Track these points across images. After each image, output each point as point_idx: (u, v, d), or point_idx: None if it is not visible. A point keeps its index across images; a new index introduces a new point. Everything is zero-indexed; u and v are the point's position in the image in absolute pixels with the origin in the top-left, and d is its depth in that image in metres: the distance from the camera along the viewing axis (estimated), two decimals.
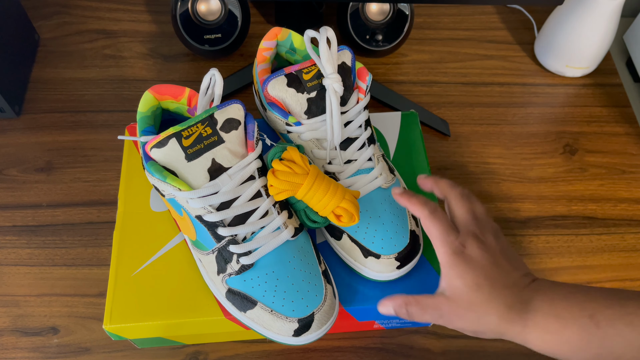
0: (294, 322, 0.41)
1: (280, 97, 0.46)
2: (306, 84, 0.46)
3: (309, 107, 0.46)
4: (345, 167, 0.47)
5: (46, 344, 0.52)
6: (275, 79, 0.46)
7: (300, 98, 0.46)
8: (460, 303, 0.39)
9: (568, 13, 0.67)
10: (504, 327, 0.38)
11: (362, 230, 0.46)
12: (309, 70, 0.46)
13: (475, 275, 0.39)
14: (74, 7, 0.75)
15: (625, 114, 0.70)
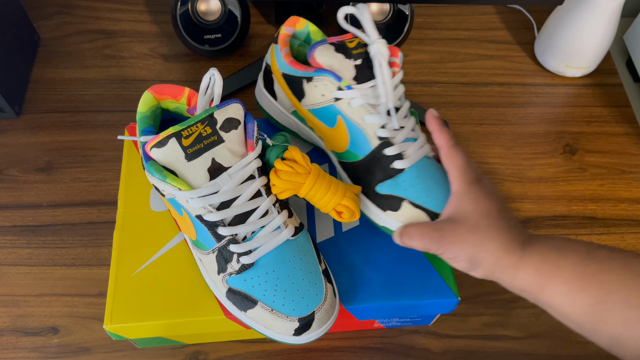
0: (294, 322, 0.41)
1: (328, 63, 0.46)
2: (351, 52, 0.46)
3: (357, 74, 0.46)
4: (396, 133, 0.46)
5: (46, 344, 0.52)
6: (322, 45, 0.46)
7: (348, 64, 0.46)
8: (465, 225, 0.40)
9: (568, 13, 0.67)
10: (501, 256, 0.39)
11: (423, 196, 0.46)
12: (351, 40, 0.46)
13: (487, 203, 0.41)
14: (74, 7, 0.75)
15: (625, 114, 0.70)
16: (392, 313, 0.48)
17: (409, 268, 0.48)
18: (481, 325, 0.55)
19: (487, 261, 0.39)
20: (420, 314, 0.50)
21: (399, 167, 0.45)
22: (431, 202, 0.44)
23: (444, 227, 0.41)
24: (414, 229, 0.43)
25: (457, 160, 0.43)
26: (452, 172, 0.43)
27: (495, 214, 0.41)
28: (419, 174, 0.45)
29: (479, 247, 0.39)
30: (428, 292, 0.47)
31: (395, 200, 0.45)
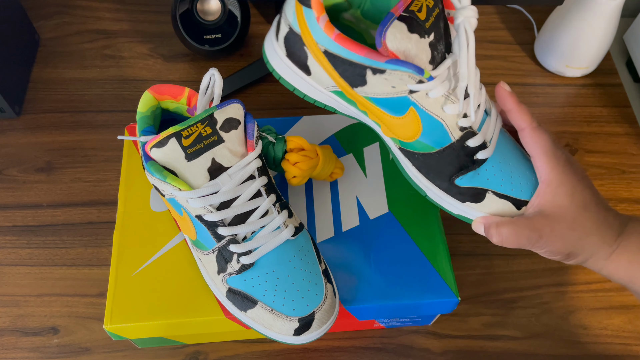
0: (294, 322, 0.41)
1: (402, 49, 0.36)
2: (424, 25, 0.37)
3: (432, 55, 0.38)
4: (475, 114, 0.40)
5: (46, 344, 0.52)
6: (393, 25, 0.36)
7: (424, 45, 0.37)
8: (563, 222, 0.37)
9: (568, 13, 0.67)
10: (599, 249, 0.37)
11: (508, 182, 0.42)
12: (419, 6, 0.37)
13: (584, 193, 0.37)
14: (74, 7, 0.75)
15: (625, 114, 0.70)
16: (392, 313, 0.48)
17: (409, 268, 0.48)
18: (481, 325, 0.55)
19: (584, 254, 0.38)
20: (420, 314, 0.50)
21: (483, 158, 0.41)
22: (516, 190, 0.41)
23: (542, 227, 0.37)
24: (506, 230, 0.39)
25: (543, 143, 0.38)
26: (540, 157, 0.38)
27: (593, 205, 0.37)
28: (501, 159, 0.41)
29: (579, 243, 0.37)
30: (428, 292, 0.47)
31: (478, 192, 0.41)
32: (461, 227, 0.60)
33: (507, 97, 0.39)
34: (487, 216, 0.41)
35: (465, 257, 0.59)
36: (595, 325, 0.55)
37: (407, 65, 0.36)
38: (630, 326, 0.55)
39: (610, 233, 0.38)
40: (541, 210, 0.38)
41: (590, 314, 0.56)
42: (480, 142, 0.40)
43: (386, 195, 0.51)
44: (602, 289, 0.57)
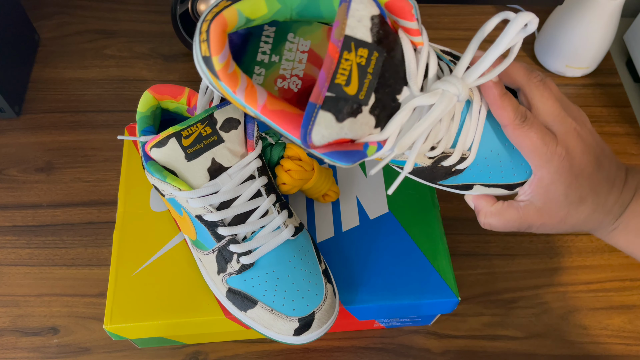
0: (294, 322, 0.41)
1: (335, 139, 0.31)
2: (357, 98, 0.30)
3: (377, 118, 0.32)
4: (447, 142, 0.36)
5: (46, 344, 0.52)
6: (316, 124, 0.30)
7: (362, 119, 0.31)
8: (555, 217, 0.36)
9: (568, 13, 0.67)
10: (594, 230, 0.37)
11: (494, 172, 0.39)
12: (347, 73, 0.29)
13: (580, 189, 0.35)
14: (74, 7, 0.75)
15: (625, 114, 0.70)
16: (392, 313, 0.48)
17: (409, 268, 0.48)
18: (481, 325, 0.55)
19: (580, 231, 0.37)
20: (420, 314, 0.50)
21: (462, 168, 0.38)
22: (507, 176, 0.38)
23: (532, 220, 0.36)
24: (494, 221, 0.38)
25: (528, 143, 0.34)
26: (529, 155, 0.35)
27: (590, 197, 0.35)
28: (487, 153, 0.37)
29: (572, 229, 0.37)
30: (428, 292, 0.47)
31: (465, 186, 0.40)
32: (461, 227, 0.60)
33: (488, 90, 0.34)
34: (478, 197, 0.39)
35: (466, 257, 0.59)
36: (595, 325, 0.55)
37: (344, 160, 0.32)
38: (630, 326, 0.55)
39: (608, 218, 0.37)
40: (533, 201, 0.36)
41: (591, 314, 0.56)
42: (456, 160, 0.37)
43: (386, 195, 0.51)
44: (602, 289, 0.57)
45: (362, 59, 0.29)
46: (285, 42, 0.38)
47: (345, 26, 0.28)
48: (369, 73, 0.30)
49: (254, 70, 0.38)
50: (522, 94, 0.36)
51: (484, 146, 0.37)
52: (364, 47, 0.29)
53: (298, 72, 0.38)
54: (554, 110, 0.35)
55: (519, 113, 0.34)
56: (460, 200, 0.61)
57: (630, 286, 0.58)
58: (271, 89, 0.38)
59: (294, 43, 0.38)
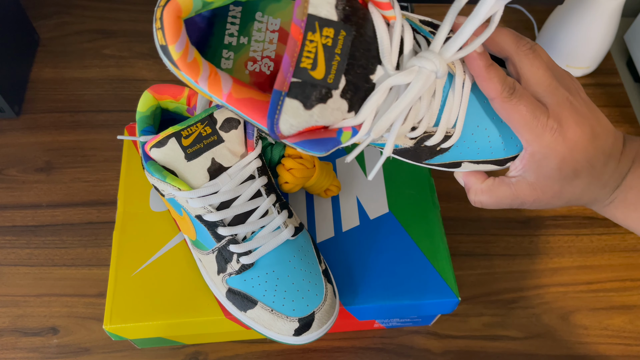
0: (294, 322, 0.41)
1: (306, 126, 0.29)
2: (326, 82, 0.28)
3: (350, 101, 0.30)
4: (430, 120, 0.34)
5: (46, 344, 0.52)
6: (283, 112, 0.28)
7: (332, 104, 0.29)
8: (549, 192, 0.34)
9: (568, 13, 0.67)
10: (593, 204, 0.36)
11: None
12: (312, 56, 0.27)
13: (574, 163, 0.33)
14: (73, 7, 0.75)
15: (625, 114, 0.70)
16: (392, 313, 0.48)
17: (409, 268, 0.48)
18: (481, 325, 0.55)
19: (575, 204, 0.36)
20: (420, 314, 0.50)
21: (448, 146, 0.36)
22: (497, 151, 0.36)
23: (524, 196, 0.34)
24: (485, 199, 0.36)
25: (518, 116, 0.32)
26: (519, 129, 0.33)
27: (585, 170, 0.33)
28: (474, 129, 0.35)
29: (566, 204, 0.35)
30: (428, 292, 0.47)
31: (452, 164, 0.37)
32: (461, 227, 0.60)
33: (473, 61, 0.32)
34: (468, 174, 0.37)
35: (466, 257, 0.58)
36: (595, 326, 0.55)
37: (318, 146, 0.30)
38: (631, 326, 0.55)
39: (604, 191, 0.35)
40: (525, 176, 0.34)
41: (591, 314, 0.56)
42: (440, 138, 0.34)
43: (386, 195, 0.51)
44: (603, 289, 0.57)
45: (328, 40, 0.27)
46: (254, 22, 0.35)
47: (307, 4, 0.26)
48: (337, 54, 0.27)
49: (222, 55, 0.35)
50: (510, 64, 0.34)
51: (470, 122, 0.35)
52: (329, 27, 0.26)
53: (269, 53, 0.35)
54: (545, 80, 0.33)
55: (506, 85, 0.32)
56: (461, 201, 0.61)
57: (631, 286, 0.58)
58: (242, 73, 0.35)
59: (263, 22, 0.35)
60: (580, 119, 0.33)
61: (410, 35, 0.30)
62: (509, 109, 0.32)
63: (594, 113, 0.34)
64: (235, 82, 0.31)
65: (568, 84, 0.34)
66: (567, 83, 0.34)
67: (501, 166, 0.37)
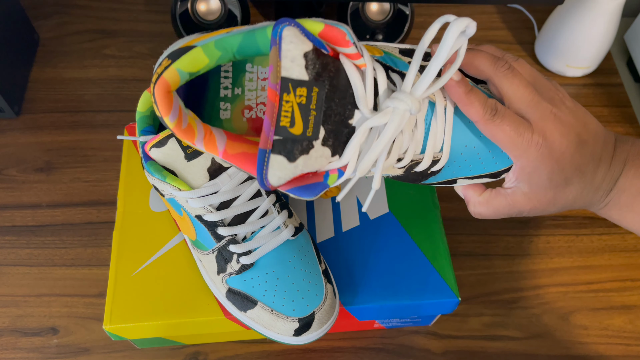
0: (294, 322, 0.41)
1: (294, 176, 0.31)
2: (305, 135, 0.30)
3: (332, 147, 0.31)
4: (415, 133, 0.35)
5: (46, 345, 0.52)
6: (270, 168, 0.30)
7: (315, 153, 0.31)
8: (543, 200, 0.35)
9: (569, 13, 0.67)
10: (589, 207, 0.37)
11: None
12: (289, 115, 0.29)
13: (564, 172, 0.34)
14: (73, 7, 0.75)
15: (625, 114, 0.70)
16: (393, 313, 0.48)
17: (409, 268, 0.48)
18: (481, 325, 0.55)
19: (571, 209, 0.37)
20: (420, 314, 0.50)
21: (437, 169, 0.37)
22: (489, 165, 0.37)
23: (521, 206, 0.36)
24: (483, 211, 0.38)
25: (501, 136, 0.33)
26: (505, 147, 0.34)
27: (577, 177, 0.34)
28: (463, 149, 0.36)
29: (562, 209, 0.37)
30: (428, 292, 0.47)
31: (448, 182, 0.39)
32: (462, 227, 0.60)
33: (452, 89, 0.33)
34: (466, 187, 0.39)
35: (466, 257, 0.58)
36: (596, 326, 0.55)
37: (305, 194, 0.32)
38: (631, 326, 0.55)
39: (597, 195, 0.36)
40: (519, 186, 0.36)
41: (591, 314, 0.56)
42: (428, 164, 0.36)
43: (386, 195, 0.51)
44: (603, 289, 0.57)
45: (302, 98, 0.29)
46: (245, 73, 0.38)
47: (280, 69, 0.28)
48: (312, 110, 0.29)
49: (219, 106, 0.38)
50: (491, 85, 0.35)
51: (457, 143, 0.36)
52: (302, 86, 0.29)
53: (263, 99, 0.38)
54: (526, 97, 0.34)
55: (487, 107, 0.33)
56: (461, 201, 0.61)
57: (631, 286, 0.58)
58: (240, 121, 0.38)
59: (253, 72, 0.38)
60: (565, 129, 0.34)
61: (383, 76, 0.32)
62: (493, 129, 0.33)
63: (581, 119, 0.35)
64: (229, 138, 0.33)
65: (551, 95, 0.35)
66: (550, 94, 0.35)
67: (496, 178, 0.39)
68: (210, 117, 0.38)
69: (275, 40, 0.28)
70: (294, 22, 0.28)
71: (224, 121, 0.38)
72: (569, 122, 0.34)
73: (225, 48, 0.31)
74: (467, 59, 0.35)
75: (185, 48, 0.31)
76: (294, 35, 0.28)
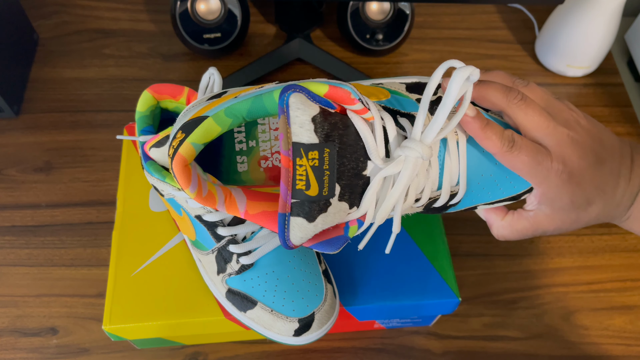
0: (294, 322, 0.40)
1: (314, 234, 0.31)
2: (321, 195, 0.30)
3: (350, 200, 0.32)
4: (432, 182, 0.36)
5: (45, 345, 0.52)
6: (291, 230, 0.30)
7: (333, 210, 0.31)
8: (567, 220, 0.36)
9: (569, 12, 0.67)
10: (611, 220, 0.38)
11: None
12: (304, 178, 0.30)
13: (585, 193, 0.34)
14: (73, 7, 0.75)
15: (626, 113, 0.70)
16: (393, 314, 0.48)
17: (409, 268, 0.47)
18: (482, 325, 0.55)
19: (596, 223, 0.38)
20: (420, 315, 0.50)
21: (455, 202, 0.37)
22: (507, 190, 0.37)
23: (545, 226, 0.36)
24: (507, 233, 0.38)
25: (521, 166, 0.34)
26: (524, 176, 0.35)
27: (598, 195, 0.35)
28: (480, 178, 0.36)
29: (586, 225, 0.37)
30: (428, 293, 0.46)
31: (467, 209, 0.39)
32: (462, 227, 0.60)
33: (468, 125, 0.34)
34: (488, 210, 0.39)
35: (466, 257, 0.58)
36: (596, 326, 0.55)
37: (328, 248, 0.32)
38: (631, 327, 0.55)
39: (619, 210, 0.37)
40: (541, 209, 0.36)
41: (592, 314, 0.56)
42: (446, 199, 0.36)
43: None
44: (604, 289, 0.57)
45: (314, 161, 0.30)
46: (257, 126, 0.39)
47: (290, 135, 0.29)
48: (326, 170, 0.30)
49: (236, 160, 0.40)
50: (506, 116, 0.35)
51: (474, 173, 0.36)
52: (313, 150, 0.29)
53: (277, 149, 0.40)
54: (541, 124, 0.34)
55: (505, 139, 0.33)
56: None
57: (632, 287, 0.58)
58: (258, 172, 0.40)
59: (265, 124, 0.39)
60: (582, 151, 0.34)
61: (392, 124, 0.32)
62: (512, 160, 0.34)
63: (596, 137, 0.35)
64: (248, 199, 0.34)
65: (566, 117, 0.35)
66: (564, 117, 0.35)
67: (517, 200, 0.38)
68: (228, 171, 0.40)
69: (282, 109, 0.29)
70: (300, 88, 0.29)
71: (242, 173, 0.40)
72: (586, 143, 0.34)
73: (235, 115, 0.32)
74: (479, 92, 0.35)
75: (196, 120, 0.32)
76: (300, 102, 0.28)
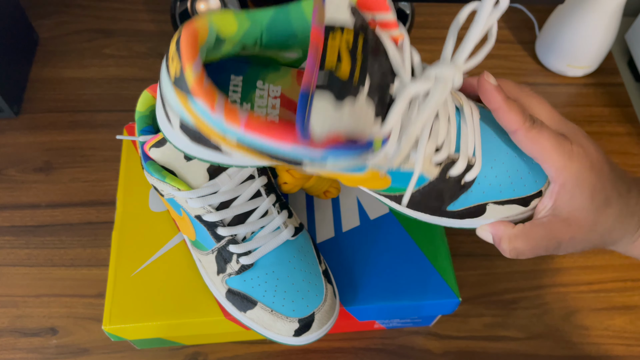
0: (294, 322, 0.40)
1: (338, 130, 0.28)
2: (352, 82, 0.27)
3: (376, 105, 0.29)
4: (450, 144, 0.35)
5: (45, 345, 0.52)
6: (314, 109, 0.27)
7: (361, 104, 0.28)
8: (585, 226, 0.33)
9: (569, 12, 0.67)
10: (619, 241, 0.35)
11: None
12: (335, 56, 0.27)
13: (604, 189, 0.32)
14: (73, 6, 0.75)
15: (626, 113, 0.70)
16: (393, 314, 0.48)
17: (410, 268, 0.47)
18: (482, 326, 0.55)
19: (606, 246, 0.35)
20: (420, 315, 0.49)
21: (471, 178, 0.35)
22: (519, 188, 0.35)
23: (561, 235, 0.33)
24: (521, 244, 0.35)
25: (544, 143, 0.31)
26: (544, 160, 0.32)
27: (614, 198, 0.33)
28: (493, 163, 0.35)
29: (600, 240, 0.34)
30: (429, 293, 0.46)
31: (476, 208, 0.36)
32: None
33: (491, 94, 0.32)
34: (495, 224, 0.36)
35: (466, 257, 0.58)
36: (596, 326, 0.55)
37: (350, 152, 0.28)
38: (632, 327, 0.55)
39: (633, 221, 0.35)
40: (557, 213, 0.33)
41: (592, 314, 0.56)
42: (464, 167, 0.34)
43: None
44: (604, 290, 0.57)
45: (348, 43, 0.27)
46: (255, 90, 0.36)
47: (324, 10, 0.26)
48: (358, 54, 0.27)
49: None
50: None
51: (488, 154, 0.35)
52: (348, 32, 0.27)
53: (273, 117, 0.36)
54: (553, 114, 0.34)
55: (527, 115, 0.32)
56: None
57: (632, 287, 0.57)
58: None
59: (264, 89, 0.36)
60: (596, 146, 0.34)
61: (417, 53, 0.31)
62: (535, 137, 0.32)
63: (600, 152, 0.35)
64: (250, 116, 0.30)
65: (571, 125, 0.35)
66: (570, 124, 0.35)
67: (526, 206, 0.36)
68: None
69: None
70: None
71: None
72: (596, 156, 0.34)
73: (255, 20, 0.29)
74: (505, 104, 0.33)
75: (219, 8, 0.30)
76: None
